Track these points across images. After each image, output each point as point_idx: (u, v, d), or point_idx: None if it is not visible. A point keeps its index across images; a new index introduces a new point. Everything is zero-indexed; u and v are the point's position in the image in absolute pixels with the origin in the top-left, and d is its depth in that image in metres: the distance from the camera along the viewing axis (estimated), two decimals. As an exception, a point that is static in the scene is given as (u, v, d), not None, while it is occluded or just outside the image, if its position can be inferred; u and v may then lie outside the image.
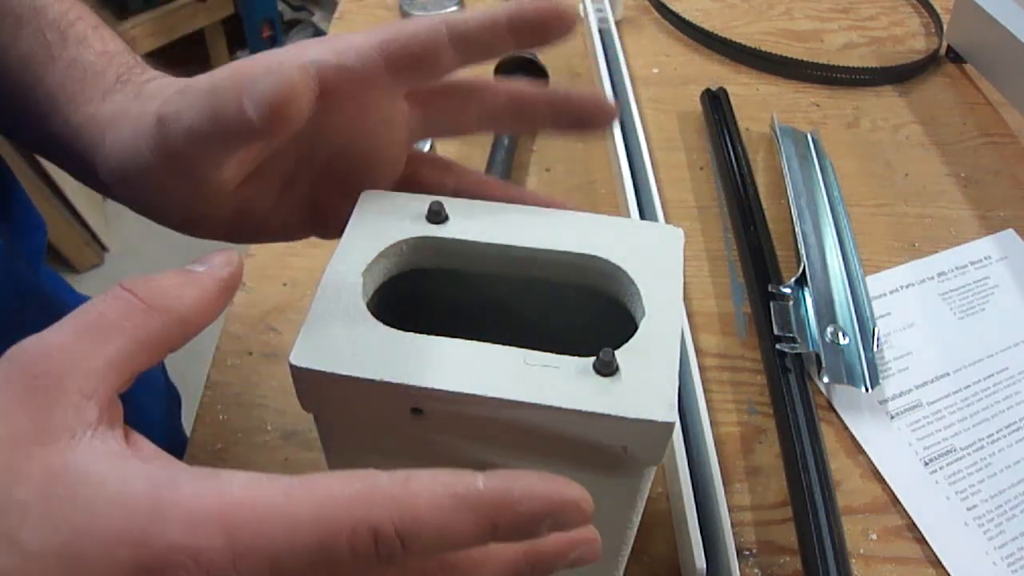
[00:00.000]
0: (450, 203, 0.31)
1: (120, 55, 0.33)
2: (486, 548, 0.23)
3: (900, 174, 0.63)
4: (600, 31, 0.72)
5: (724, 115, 0.65)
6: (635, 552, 0.33)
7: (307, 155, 0.32)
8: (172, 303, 0.23)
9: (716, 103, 0.66)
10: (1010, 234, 0.58)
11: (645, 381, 0.25)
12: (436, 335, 0.26)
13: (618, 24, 0.75)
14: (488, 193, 0.33)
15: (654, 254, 0.30)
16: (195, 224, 0.31)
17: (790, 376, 0.46)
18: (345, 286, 0.28)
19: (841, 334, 0.48)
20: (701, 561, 0.37)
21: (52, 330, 0.22)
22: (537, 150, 0.64)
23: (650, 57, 0.74)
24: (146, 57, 0.34)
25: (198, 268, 0.25)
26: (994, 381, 0.48)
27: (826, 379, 0.47)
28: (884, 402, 0.47)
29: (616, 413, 0.24)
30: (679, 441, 0.42)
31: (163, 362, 0.54)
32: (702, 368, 0.48)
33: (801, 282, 0.51)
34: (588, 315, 0.31)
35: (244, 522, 0.20)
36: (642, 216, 0.55)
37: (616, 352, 0.25)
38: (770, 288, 0.50)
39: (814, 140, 0.63)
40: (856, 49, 0.76)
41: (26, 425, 0.20)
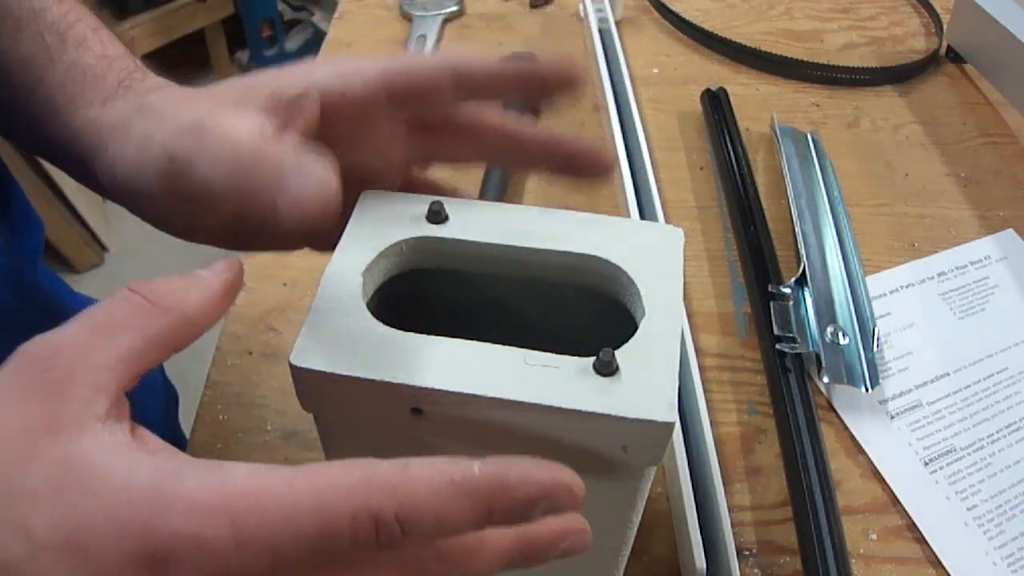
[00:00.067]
0: (450, 203, 0.31)
1: (120, 59, 0.33)
2: (481, 537, 0.23)
3: (900, 174, 0.63)
4: (600, 31, 0.72)
5: (724, 115, 0.65)
6: (635, 552, 0.33)
7: None
8: (178, 304, 0.24)
9: (716, 103, 0.66)
10: (1010, 234, 0.58)
11: (645, 381, 0.25)
12: (436, 335, 0.26)
13: (618, 24, 0.75)
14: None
15: (654, 254, 0.30)
16: (195, 231, 0.32)
17: (790, 376, 0.46)
18: (345, 286, 0.28)
19: (841, 334, 0.48)
20: (701, 561, 0.37)
21: (63, 328, 0.23)
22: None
23: (650, 57, 0.74)
24: (146, 57, 0.34)
25: (202, 272, 0.26)
26: (994, 381, 0.48)
27: (826, 379, 0.47)
28: (884, 402, 0.47)
29: (616, 413, 0.24)
30: (679, 441, 0.42)
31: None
32: (702, 368, 0.48)
33: (801, 282, 0.51)
34: (588, 315, 0.31)
35: (247, 511, 0.20)
36: (642, 216, 0.55)
37: (616, 352, 0.26)
38: (770, 288, 0.50)
39: (814, 140, 0.63)
40: (856, 49, 0.76)
41: (38, 416, 0.21)
